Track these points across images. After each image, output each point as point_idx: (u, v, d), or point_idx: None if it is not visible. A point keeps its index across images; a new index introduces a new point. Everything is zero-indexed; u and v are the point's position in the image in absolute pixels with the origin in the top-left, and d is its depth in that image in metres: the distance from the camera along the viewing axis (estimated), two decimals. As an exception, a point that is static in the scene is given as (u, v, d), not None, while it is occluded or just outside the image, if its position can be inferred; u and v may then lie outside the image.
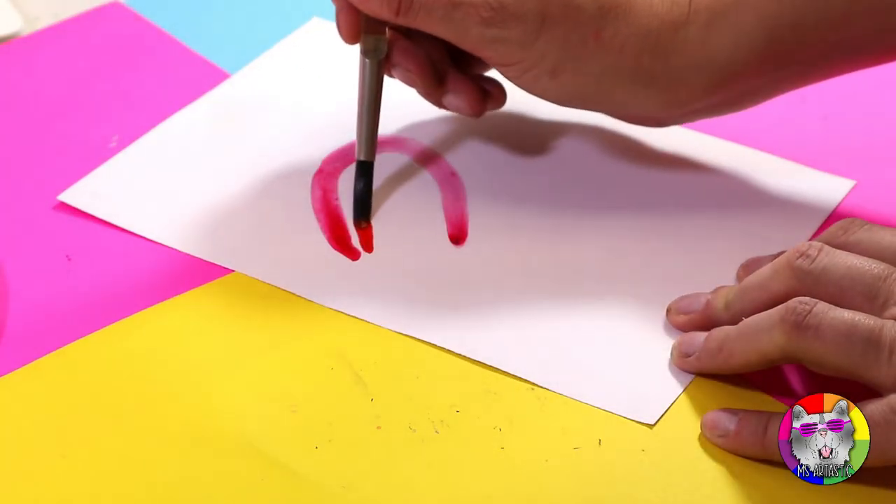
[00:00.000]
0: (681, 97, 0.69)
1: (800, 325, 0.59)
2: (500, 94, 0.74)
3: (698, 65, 0.68)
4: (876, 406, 0.58)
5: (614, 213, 0.72)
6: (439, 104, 0.74)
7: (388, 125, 0.77)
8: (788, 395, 0.63)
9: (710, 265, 0.69)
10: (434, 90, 0.73)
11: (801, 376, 0.64)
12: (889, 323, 0.58)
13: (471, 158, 0.76)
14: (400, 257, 0.70)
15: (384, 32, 0.71)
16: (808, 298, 0.60)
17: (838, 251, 0.61)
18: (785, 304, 0.60)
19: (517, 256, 0.70)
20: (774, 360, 0.61)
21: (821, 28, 0.68)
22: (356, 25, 0.71)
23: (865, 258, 0.61)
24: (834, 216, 0.72)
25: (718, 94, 0.70)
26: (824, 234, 0.64)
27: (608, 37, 0.68)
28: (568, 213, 0.72)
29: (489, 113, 0.78)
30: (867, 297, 0.60)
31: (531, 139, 0.77)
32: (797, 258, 0.61)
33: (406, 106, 0.78)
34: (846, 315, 0.59)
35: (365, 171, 0.73)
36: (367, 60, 0.72)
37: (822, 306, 0.59)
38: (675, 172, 0.75)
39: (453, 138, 0.77)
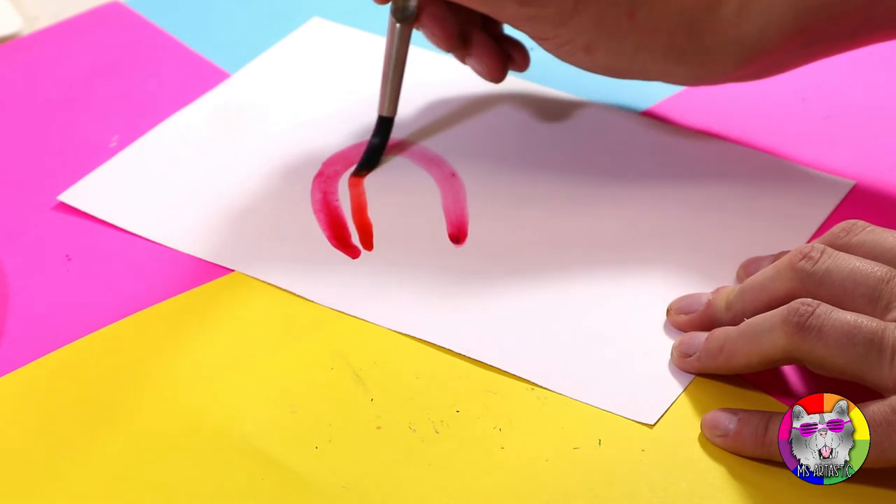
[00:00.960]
0: (711, 72, 0.71)
1: (802, 327, 0.59)
2: (522, 60, 0.76)
3: (730, 43, 0.70)
4: (877, 407, 0.57)
5: (614, 214, 0.72)
6: (462, 62, 0.76)
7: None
8: (788, 395, 0.63)
9: (710, 265, 0.69)
10: (457, 52, 0.75)
11: (801, 376, 0.64)
12: (891, 325, 0.58)
13: (471, 159, 0.76)
14: (400, 257, 0.70)
15: None
16: (810, 300, 0.59)
17: (841, 253, 0.61)
18: (787, 305, 0.60)
19: (517, 256, 0.70)
20: (776, 361, 0.61)
21: (850, 7, 0.69)
22: None
23: (868, 261, 0.61)
24: (834, 216, 0.72)
25: (748, 68, 0.71)
26: (826, 235, 0.63)
27: (642, 17, 0.69)
28: (567, 214, 0.72)
29: (489, 115, 0.78)
30: (870, 299, 0.60)
31: (531, 141, 0.77)
32: (799, 260, 0.61)
33: (408, 108, 0.78)
34: (849, 317, 0.59)
35: (385, 126, 0.75)
36: (396, 22, 0.72)
37: (824, 308, 0.59)
38: (674, 173, 0.75)
39: (454, 140, 0.77)
